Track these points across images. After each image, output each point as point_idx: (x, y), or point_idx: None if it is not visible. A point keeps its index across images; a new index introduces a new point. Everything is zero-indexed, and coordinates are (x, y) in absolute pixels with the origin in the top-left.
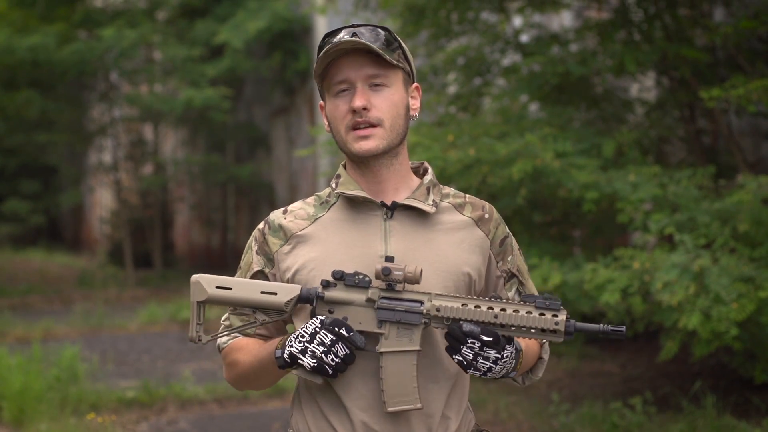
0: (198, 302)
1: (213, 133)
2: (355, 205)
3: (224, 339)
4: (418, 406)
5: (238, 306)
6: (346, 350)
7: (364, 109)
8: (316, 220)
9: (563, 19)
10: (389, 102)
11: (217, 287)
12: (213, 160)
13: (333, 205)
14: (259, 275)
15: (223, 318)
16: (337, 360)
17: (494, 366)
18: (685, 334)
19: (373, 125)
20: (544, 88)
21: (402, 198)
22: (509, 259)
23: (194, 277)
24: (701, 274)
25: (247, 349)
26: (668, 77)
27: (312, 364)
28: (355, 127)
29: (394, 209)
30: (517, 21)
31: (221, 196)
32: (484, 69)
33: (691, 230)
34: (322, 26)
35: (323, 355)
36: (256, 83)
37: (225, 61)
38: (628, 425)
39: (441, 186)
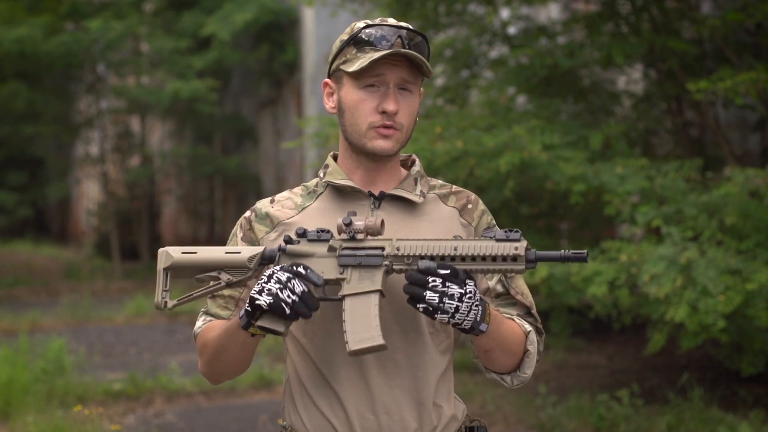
0: (164, 269)
1: (200, 125)
2: (342, 194)
3: (198, 324)
4: (380, 342)
5: (202, 269)
6: (303, 287)
7: (395, 113)
8: (303, 209)
9: (551, 12)
10: (411, 109)
11: (183, 252)
12: (200, 152)
13: (320, 194)
14: None
15: (201, 309)
16: (294, 297)
17: (460, 305)
18: (673, 327)
19: (395, 128)
20: (531, 80)
21: (390, 189)
22: None
23: (161, 249)
24: (688, 266)
25: (216, 325)
26: (656, 69)
27: (267, 301)
28: (380, 127)
29: (381, 199)
30: (505, 13)
31: (208, 188)
32: (471, 61)
33: (678, 223)
34: (309, 18)
35: (279, 291)
36: (243, 75)
37: (212, 53)
38: (615, 417)
39: (428, 178)
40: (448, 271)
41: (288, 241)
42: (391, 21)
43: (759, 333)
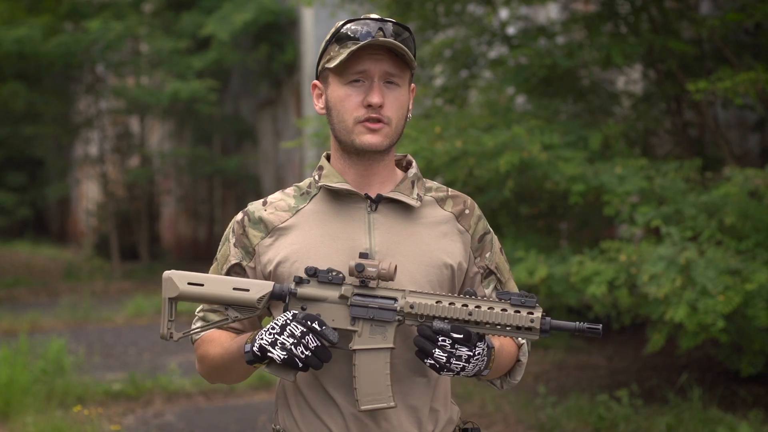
0: (169, 299)
1: (199, 126)
2: (338, 197)
3: (196, 326)
4: (392, 404)
5: (210, 303)
6: (317, 342)
7: (380, 105)
8: (297, 211)
9: (550, 12)
10: (399, 102)
11: (189, 283)
12: (199, 153)
13: (314, 196)
14: (236, 268)
15: (197, 309)
16: (307, 352)
17: (467, 365)
18: (672, 327)
19: (382, 122)
20: (530, 80)
21: (386, 191)
22: (487, 255)
23: (166, 273)
24: (688, 266)
25: (218, 341)
26: (655, 70)
27: (282, 356)
28: (365, 121)
29: (378, 202)
30: (504, 13)
31: (208, 188)
32: (470, 61)
33: (677, 223)
34: (308, 18)
35: (293, 347)
36: (242, 75)
37: (211, 54)
38: (615, 418)
39: (424, 180)
40: (461, 336)
41: (298, 282)
42: (374, 16)
43: (758, 333)
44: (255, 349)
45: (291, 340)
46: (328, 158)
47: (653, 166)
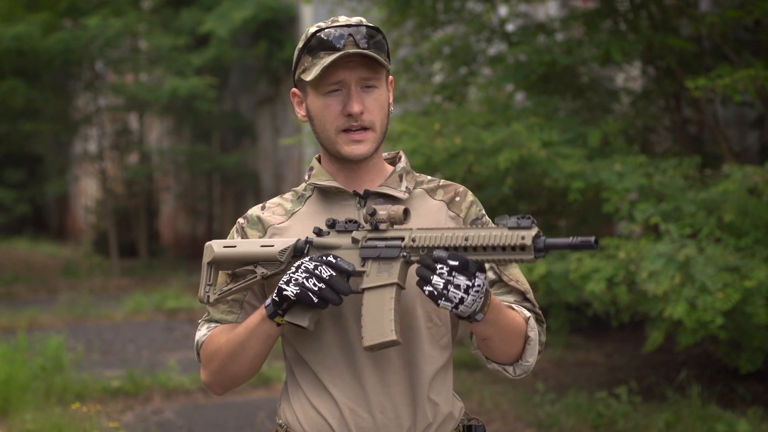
0: (208, 263)
1: (198, 123)
2: (328, 195)
3: (202, 332)
4: (392, 338)
5: (241, 263)
6: (330, 271)
7: (360, 113)
8: (293, 214)
9: (549, 9)
10: (379, 104)
11: (224, 246)
12: (198, 150)
13: (308, 198)
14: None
15: (204, 317)
16: (320, 285)
17: (465, 297)
18: (671, 324)
19: (365, 128)
20: (530, 77)
21: (374, 187)
22: None
23: (208, 243)
24: (687, 263)
25: (228, 328)
26: (654, 67)
27: (294, 291)
28: (347, 130)
29: (366, 197)
30: (503, 10)
31: (207, 185)
32: (470, 58)
33: (676, 220)
34: (307, 15)
35: (305, 281)
36: (241, 72)
37: (210, 51)
38: (614, 415)
39: (416, 174)
40: (456, 263)
41: (318, 233)
42: (342, 20)
43: (757, 330)
44: (274, 296)
45: (304, 275)
46: (319, 159)
47: (652, 163)
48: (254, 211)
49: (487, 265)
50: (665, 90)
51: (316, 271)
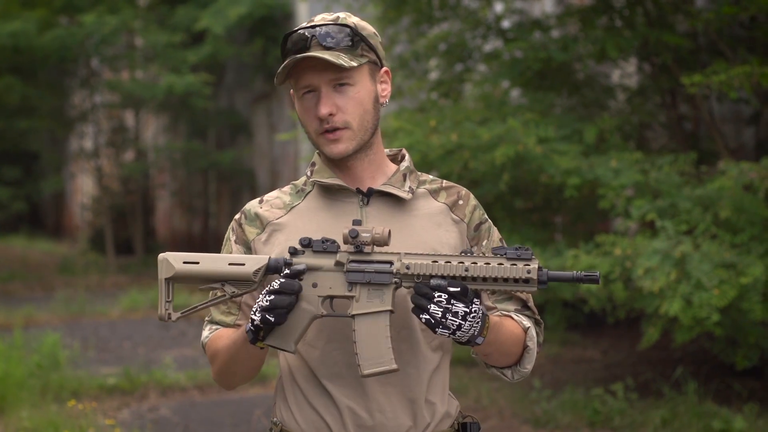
0: (166, 279)
1: (194, 120)
2: (330, 192)
3: (205, 333)
4: (394, 366)
5: (206, 281)
6: (278, 290)
7: (330, 114)
8: (292, 208)
9: (545, 5)
10: (354, 101)
11: (185, 262)
12: (194, 147)
13: (309, 193)
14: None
15: (207, 317)
16: (270, 298)
17: (463, 323)
18: (667, 321)
19: (339, 128)
20: (525, 74)
21: (378, 184)
22: (484, 243)
23: (161, 255)
24: (683, 260)
25: (226, 334)
26: (650, 63)
27: (257, 318)
28: (324, 132)
29: (370, 196)
30: (499, 7)
31: (202, 182)
32: (465, 55)
33: (672, 216)
34: (303, 12)
35: (262, 301)
36: (237, 69)
37: (206, 47)
38: (610, 411)
39: (419, 173)
40: (457, 290)
41: (293, 252)
42: (317, 19)
43: (753, 326)
44: (249, 325)
45: (266, 299)
46: (320, 155)
47: (648, 159)
48: (252, 206)
49: None
50: (661, 86)
51: (269, 296)
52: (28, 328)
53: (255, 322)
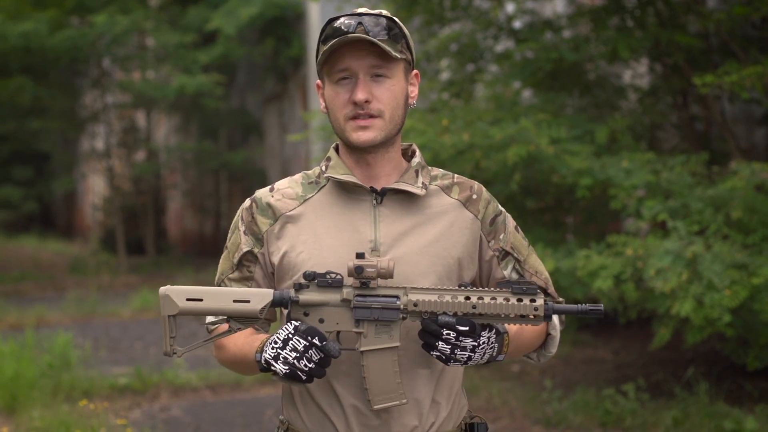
0: (169, 316)
1: (206, 120)
2: (344, 189)
3: (212, 318)
4: (403, 401)
5: (211, 316)
6: (321, 354)
7: (366, 101)
8: (305, 200)
9: (556, 6)
10: (390, 93)
11: (188, 299)
12: (206, 147)
13: (323, 187)
14: (248, 255)
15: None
16: (310, 365)
17: (473, 354)
18: (678, 321)
19: (372, 116)
20: (537, 74)
21: (392, 182)
22: (501, 237)
23: (162, 289)
24: (694, 260)
25: (235, 335)
26: (661, 64)
27: (284, 371)
28: (355, 117)
29: (383, 195)
30: (510, 7)
31: (214, 182)
32: (477, 55)
33: (684, 217)
34: (314, 12)
35: (296, 361)
36: (248, 70)
37: (218, 48)
38: (621, 412)
39: (429, 168)
40: (466, 328)
41: (298, 288)
42: (361, 10)
43: (765, 327)
44: (262, 360)
45: (293, 354)
46: (337, 150)
47: (660, 160)
48: (263, 195)
49: (509, 266)
50: (672, 87)
51: (306, 354)
52: (39, 328)
53: (275, 370)
